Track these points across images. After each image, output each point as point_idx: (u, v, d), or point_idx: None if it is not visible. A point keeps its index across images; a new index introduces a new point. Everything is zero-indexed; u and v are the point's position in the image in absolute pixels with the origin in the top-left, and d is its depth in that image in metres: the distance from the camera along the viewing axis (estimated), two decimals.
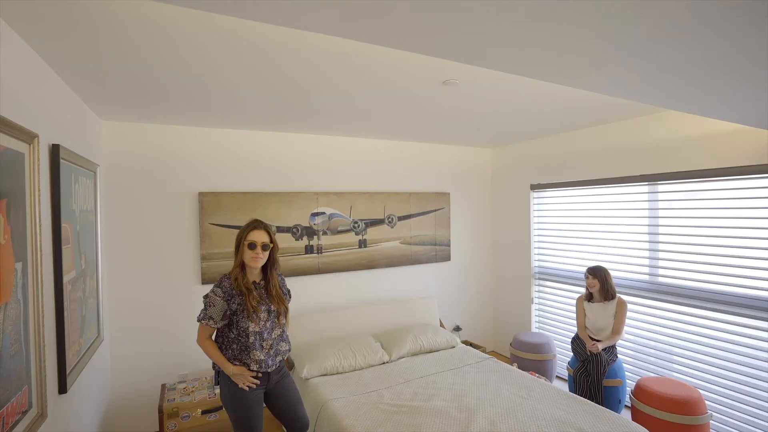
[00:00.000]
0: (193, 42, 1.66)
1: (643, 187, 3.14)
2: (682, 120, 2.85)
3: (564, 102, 2.68)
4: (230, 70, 1.98)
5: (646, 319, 3.15)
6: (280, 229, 3.43)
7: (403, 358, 3.26)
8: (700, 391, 2.65)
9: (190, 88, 2.25)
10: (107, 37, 1.60)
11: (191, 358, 3.18)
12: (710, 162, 2.71)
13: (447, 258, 4.25)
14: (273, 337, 2.05)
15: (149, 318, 3.05)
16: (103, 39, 1.61)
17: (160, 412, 2.62)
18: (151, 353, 3.06)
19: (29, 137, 1.56)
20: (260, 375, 2.01)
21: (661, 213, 3.05)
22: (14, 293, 1.42)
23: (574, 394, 2.60)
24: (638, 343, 3.22)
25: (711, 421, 2.69)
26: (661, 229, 3.05)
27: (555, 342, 3.75)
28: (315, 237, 3.57)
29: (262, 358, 1.99)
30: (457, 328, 4.32)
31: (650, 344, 3.13)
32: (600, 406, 2.43)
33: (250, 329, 1.96)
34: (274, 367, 2.06)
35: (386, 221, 3.89)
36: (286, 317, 2.24)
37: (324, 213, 3.60)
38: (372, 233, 3.82)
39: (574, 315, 3.56)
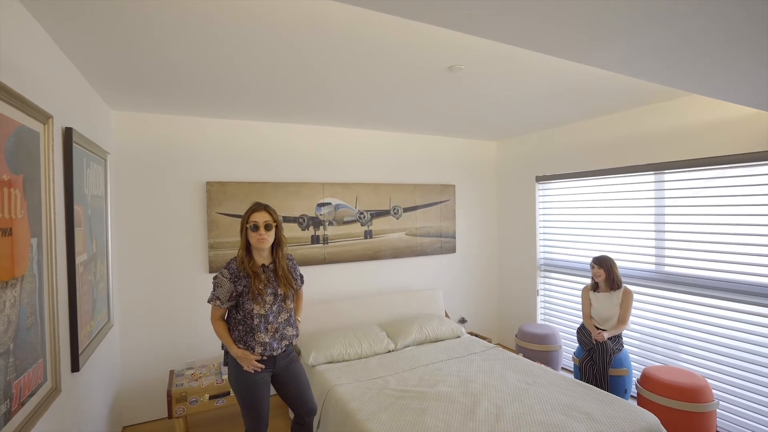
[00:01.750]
0: (205, 27, 1.68)
1: (650, 177, 3.13)
2: (689, 108, 2.85)
3: (569, 91, 2.68)
4: (238, 54, 2.00)
5: (653, 308, 3.15)
6: (286, 219, 3.46)
7: (408, 347, 3.28)
8: (707, 380, 2.65)
9: (200, 76, 2.28)
10: (120, 21, 1.63)
11: (199, 346, 3.22)
12: (717, 149, 2.70)
13: (452, 250, 4.26)
14: (279, 321, 2.06)
15: (157, 305, 3.09)
16: (116, 23, 1.64)
17: (169, 396, 2.65)
18: (159, 340, 3.10)
19: (44, 117, 1.60)
20: (265, 358, 2.02)
21: (667, 202, 3.04)
22: (30, 267, 1.45)
23: (580, 381, 2.60)
24: (644, 333, 3.21)
25: (718, 410, 2.69)
26: (667, 218, 3.04)
27: (560, 333, 3.75)
28: (321, 227, 3.60)
29: (267, 340, 2.00)
30: (462, 320, 4.32)
31: (656, 334, 3.13)
32: (606, 392, 2.43)
33: (255, 311, 1.98)
34: (279, 350, 2.06)
35: (392, 212, 3.91)
36: (296, 301, 2.26)
37: (330, 204, 3.63)
38: (377, 224, 3.85)
39: (580, 306, 3.56)
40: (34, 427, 1.41)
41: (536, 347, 3.55)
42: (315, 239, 3.57)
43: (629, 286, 3.13)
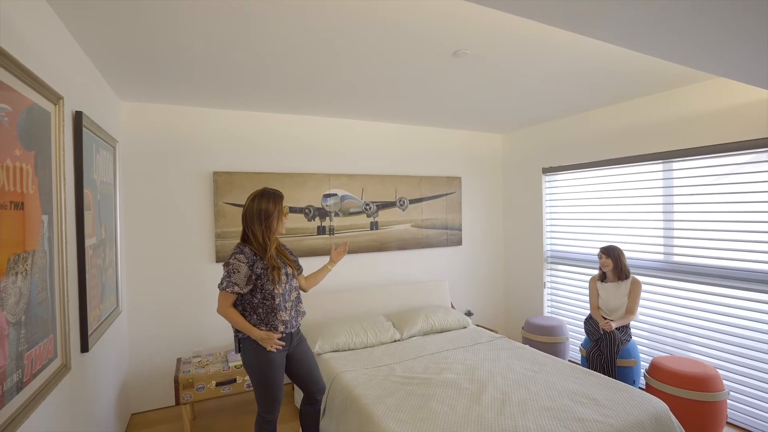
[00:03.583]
0: (217, 13, 1.70)
1: (657, 166, 3.10)
2: (697, 95, 2.82)
3: (576, 79, 2.66)
4: (249, 42, 2.01)
5: (661, 299, 3.11)
6: (292, 210, 3.47)
7: (414, 336, 3.28)
8: (718, 370, 2.61)
9: (210, 65, 2.30)
10: (131, 9, 1.65)
11: (206, 336, 3.24)
12: (726, 136, 2.66)
13: (458, 242, 4.25)
14: (292, 298, 2.12)
15: (165, 294, 3.12)
16: (127, 10, 1.66)
17: (176, 382, 2.68)
18: (166, 329, 3.13)
19: (56, 97, 1.62)
20: (284, 335, 2.06)
21: (676, 191, 3.01)
22: (41, 243, 1.48)
23: (587, 369, 2.58)
24: (653, 323, 3.17)
25: (728, 400, 2.65)
26: (676, 207, 3.01)
27: (567, 326, 3.72)
28: (327, 218, 3.61)
29: (287, 318, 2.06)
30: (469, 313, 4.31)
31: (665, 324, 3.09)
32: (613, 379, 2.41)
33: (276, 292, 2.02)
34: (296, 327, 2.13)
35: (398, 204, 3.91)
36: (299, 274, 2.30)
37: (336, 194, 3.64)
38: (383, 216, 3.85)
39: (587, 298, 3.53)
40: (44, 399, 1.43)
41: (543, 339, 3.53)
42: (321, 230, 3.58)
43: (637, 277, 3.10)
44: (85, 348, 1.92)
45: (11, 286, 1.24)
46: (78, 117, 1.91)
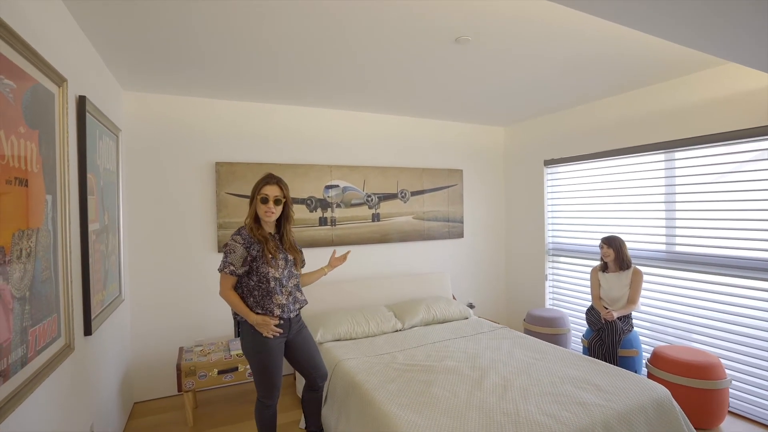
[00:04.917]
0: (221, 4, 1.71)
1: (659, 156, 3.10)
2: (698, 84, 2.81)
3: (577, 67, 2.65)
4: (250, 32, 2.01)
5: (664, 289, 3.11)
6: (294, 201, 3.47)
7: (415, 326, 3.28)
8: (720, 359, 2.60)
9: (212, 56, 2.30)
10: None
11: (208, 325, 3.25)
12: (727, 125, 2.66)
13: (460, 235, 4.25)
14: (290, 285, 2.11)
15: (166, 284, 3.13)
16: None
17: (178, 369, 2.69)
18: (168, 319, 3.14)
19: (60, 80, 1.63)
20: (282, 322, 2.05)
21: (678, 181, 3.00)
22: (45, 223, 1.48)
23: (589, 357, 2.58)
24: (654, 313, 3.17)
25: (731, 389, 2.64)
26: (678, 197, 3.00)
27: (569, 318, 3.72)
28: (329, 209, 3.61)
29: (284, 302, 2.04)
30: (470, 306, 4.31)
31: (667, 314, 3.09)
32: (615, 367, 2.41)
33: (270, 274, 2.01)
34: (294, 312, 2.11)
35: (399, 196, 3.91)
36: (301, 266, 2.28)
37: (338, 186, 3.64)
38: (385, 207, 3.85)
39: (589, 289, 3.53)
40: (48, 377, 1.44)
41: (545, 330, 3.52)
42: (323, 221, 3.59)
43: (639, 267, 3.10)
44: (88, 331, 1.92)
45: (15, 261, 1.25)
46: (82, 101, 1.92)
